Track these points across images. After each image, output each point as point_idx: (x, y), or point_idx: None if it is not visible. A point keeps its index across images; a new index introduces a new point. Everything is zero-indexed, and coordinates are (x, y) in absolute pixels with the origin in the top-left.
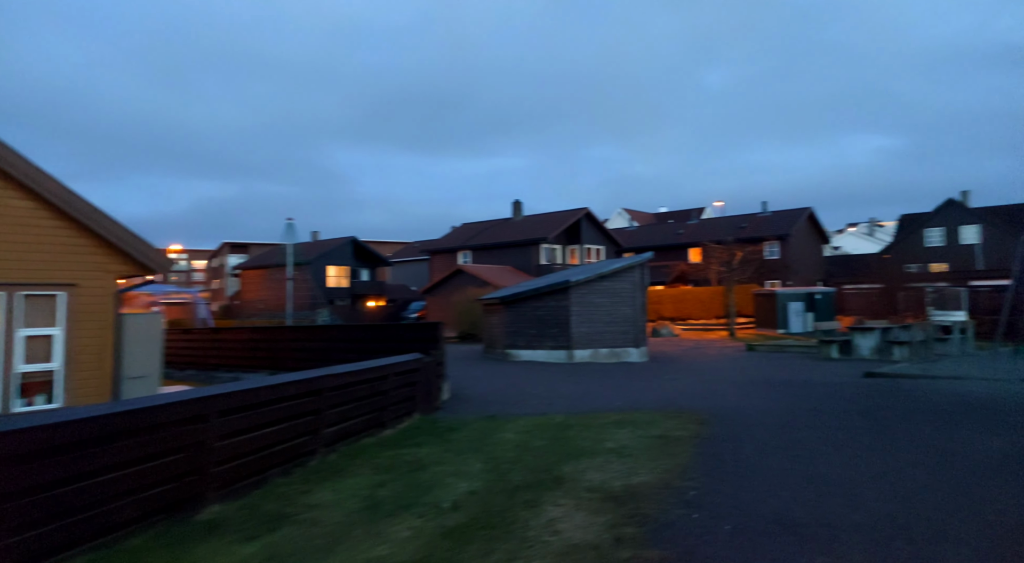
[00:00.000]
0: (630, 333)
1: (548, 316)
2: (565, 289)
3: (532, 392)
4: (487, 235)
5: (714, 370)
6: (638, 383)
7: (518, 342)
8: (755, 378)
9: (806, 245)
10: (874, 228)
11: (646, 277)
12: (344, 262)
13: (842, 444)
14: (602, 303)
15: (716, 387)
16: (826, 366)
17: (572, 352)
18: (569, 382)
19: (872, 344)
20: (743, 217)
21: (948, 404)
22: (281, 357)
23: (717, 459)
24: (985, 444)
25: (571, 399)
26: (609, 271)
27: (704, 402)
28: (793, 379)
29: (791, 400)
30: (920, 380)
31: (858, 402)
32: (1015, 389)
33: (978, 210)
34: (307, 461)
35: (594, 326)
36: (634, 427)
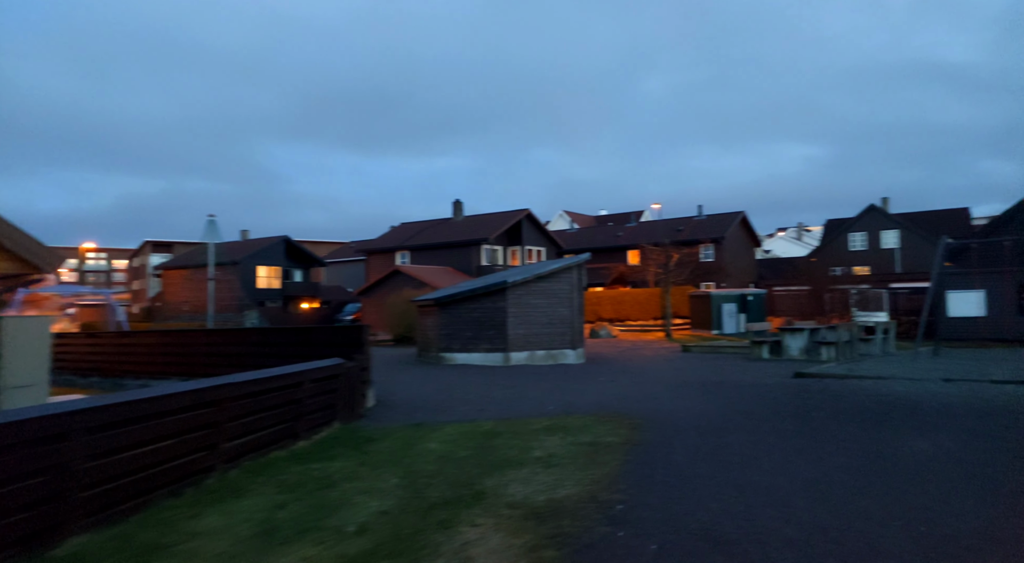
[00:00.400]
0: (567, 335)
1: (484, 318)
2: (502, 290)
3: (463, 397)
4: (426, 235)
5: (650, 372)
6: (574, 386)
7: (453, 345)
8: (689, 380)
9: (739, 248)
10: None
11: (583, 278)
12: (276, 262)
13: (773, 448)
14: (539, 304)
15: (651, 389)
16: (758, 367)
17: (509, 355)
18: (503, 386)
19: (801, 345)
20: (680, 220)
21: (873, 404)
22: (195, 363)
23: (647, 467)
24: (911, 446)
25: (504, 404)
26: (547, 272)
27: (638, 405)
28: (726, 380)
29: (724, 402)
30: (847, 380)
31: (788, 404)
32: (935, 388)
33: (897, 216)
34: (203, 479)
35: (531, 328)
36: (565, 433)
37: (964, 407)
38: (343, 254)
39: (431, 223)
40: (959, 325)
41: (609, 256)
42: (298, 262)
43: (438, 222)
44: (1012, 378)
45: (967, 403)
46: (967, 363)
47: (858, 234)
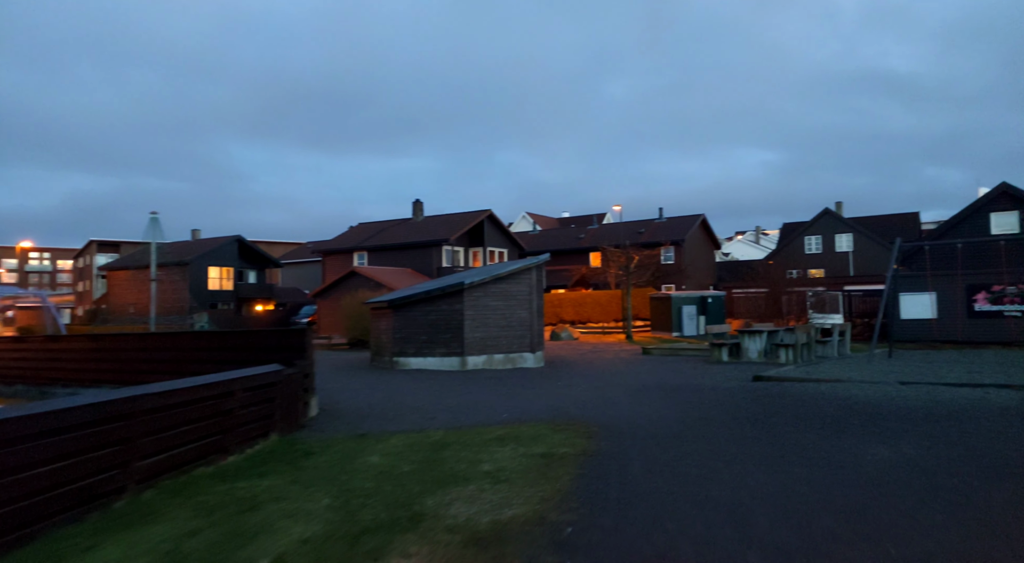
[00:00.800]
0: (526, 337)
1: (440, 320)
2: (458, 292)
3: (414, 405)
4: (385, 236)
5: (609, 375)
6: (531, 391)
7: (407, 349)
8: (648, 383)
9: (699, 250)
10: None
11: (543, 279)
12: (228, 263)
13: (733, 458)
14: (497, 306)
15: (609, 394)
16: (717, 369)
17: (465, 359)
18: (458, 392)
19: (759, 347)
20: (641, 222)
21: (832, 409)
22: (128, 370)
23: (602, 481)
24: (873, 454)
25: (456, 412)
26: (505, 273)
27: (596, 412)
28: (685, 384)
29: (683, 408)
30: (805, 383)
31: (747, 409)
32: (892, 392)
33: (850, 220)
34: (112, 502)
35: (489, 331)
36: (517, 444)
37: (922, 411)
38: (300, 255)
39: (390, 223)
40: (911, 327)
41: (571, 258)
42: (252, 263)
43: (397, 222)
44: (966, 381)
45: (925, 407)
46: (921, 365)
47: (813, 237)
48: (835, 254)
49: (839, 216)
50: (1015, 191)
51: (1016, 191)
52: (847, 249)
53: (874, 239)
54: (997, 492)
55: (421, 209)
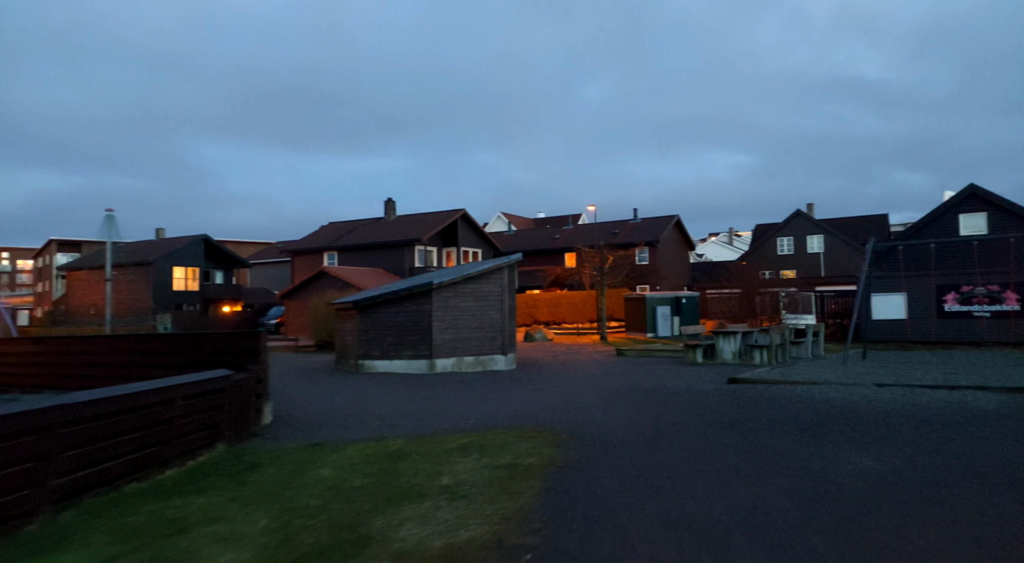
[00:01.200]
0: (497, 339)
1: (407, 322)
2: (427, 292)
3: (377, 411)
4: (356, 235)
5: (582, 378)
6: (501, 395)
7: (373, 352)
8: (622, 386)
9: (674, 251)
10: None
11: (515, 279)
12: (194, 263)
13: (708, 468)
14: (467, 307)
15: (582, 397)
16: (691, 371)
17: (434, 361)
18: (424, 397)
19: (734, 348)
20: (616, 223)
21: (810, 413)
22: (71, 374)
23: (568, 497)
24: (854, 463)
25: (420, 418)
26: (475, 273)
27: (566, 417)
28: (660, 387)
29: (656, 412)
30: (781, 386)
31: (723, 413)
32: (869, 395)
33: (821, 222)
34: (23, 525)
35: (458, 332)
36: (481, 453)
37: (901, 416)
38: (269, 255)
39: (362, 223)
40: (883, 327)
41: (546, 258)
42: (219, 263)
43: (369, 222)
44: (942, 383)
45: (903, 411)
46: (895, 367)
47: (785, 239)
48: (807, 255)
49: (811, 218)
50: (983, 193)
51: (984, 193)
52: (818, 250)
53: (844, 240)
54: (988, 507)
55: (393, 208)
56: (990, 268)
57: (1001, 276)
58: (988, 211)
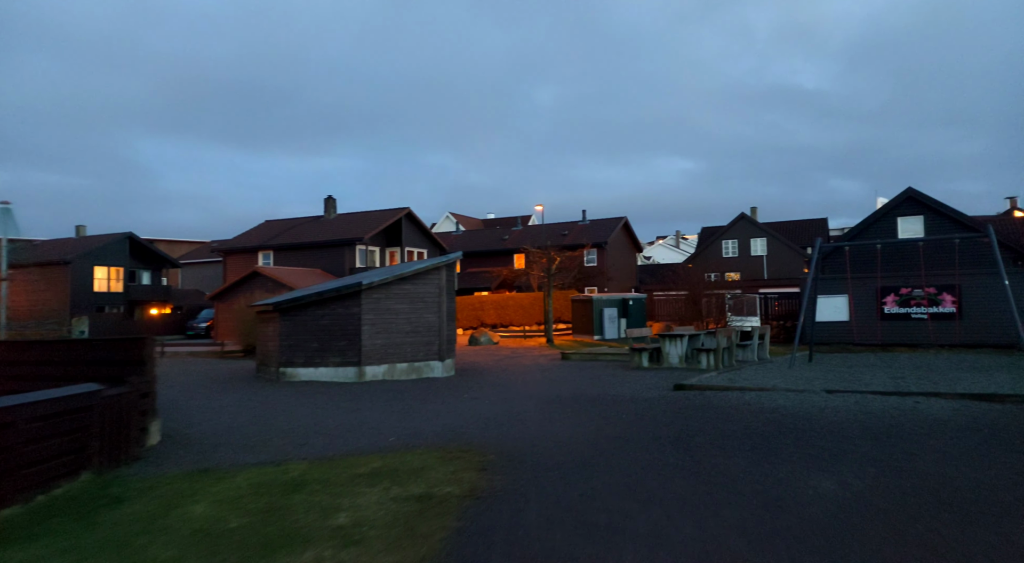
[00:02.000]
0: (434, 344)
1: (334, 326)
2: (355, 293)
3: (288, 427)
4: (293, 234)
5: (523, 384)
6: (432, 406)
7: (296, 358)
8: (564, 394)
9: (622, 253)
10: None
11: (453, 279)
12: (118, 262)
13: (651, 496)
14: (401, 309)
15: (520, 408)
16: (637, 377)
17: (363, 369)
18: (346, 409)
19: (680, 352)
20: (565, 225)
21: (761, 424)
22: None
23: (483, 541)
24: (814, 487)
25: (335, 435)
26: (410, 272)
27: (499, 431)
28: (603, 394)
29: (597, 424)
30: (729, 393)
31: (669, 425)
32: (820, 402)
33: (764, 225)
34: None
35: (391, 337)
36: (392, 481)
37: (857, 426)
38: (203, 254)
39: (300, 221)
40: (826, 329)
41: (495, 260)
42: (146, 263)
43: (308, 220)
44: (892, 389)
45: (858, 421)
46: (842, 370)
47: (730, 241)
48: (751, 257)
49: (754, 221)
50: (920, 196)
51: (921, 196)
52: (762, 253)
53: (786, 243)
54: (974, 544)
55: (334, 206)
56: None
57: (938, 278)
58: (925, 214)
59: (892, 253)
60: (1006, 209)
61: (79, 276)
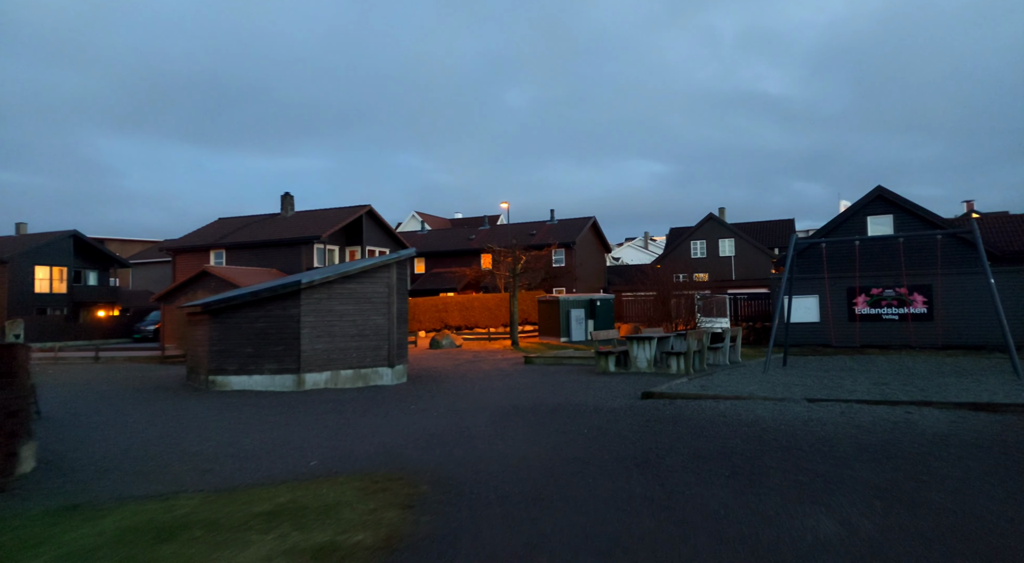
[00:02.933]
0: (382, 349)
1: (271, 329)
2: (294, 293)
3: (196, 448)
4: (247, 232)
5: (480, 393)
6: (371, 420)
7: (227, 365)
8: (522, 403)
9: (590, 253)
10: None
11: (405, 278)
12: (61, 262)
13: (614, 545)
14: (346, 311)
15: (471, 421)
16: (602, 383)
17: (302, 377)
18: (273, 424)
19: (649, 355)
20: (533, 224)
21: (740, 441)
22: None
23: None
24: (811, 527)
25: (248, 458)
26: (355, 270)
27: (442, 452)
28: (565, 404)
29: (555, 442)
30: (702, 402)
31: (636, 441)
32: (803, 413)
33: (733, 226)
34: None
35: (335, 341)
36: (295, 524)
37: (849, 443)
38: (156, 254)
39: (255, 219)
40: (796, 331)
41: (462, 260)
42: (93, 262)
43: (263, 218)
44: (879, 397)
45: (849, 436)
46: (819, 375)
47: (699, 242)
48: (719, 258)
49: (722, 221)
50: (890, 195)
51: (890, 195)
52: (730, 254)
53: (754, 244)
54: None
55: (291, 203)
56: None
57: (911, 278)
58: (894, 213)
59: (864, 252)
60: (963, 213)
61: (18, 276)
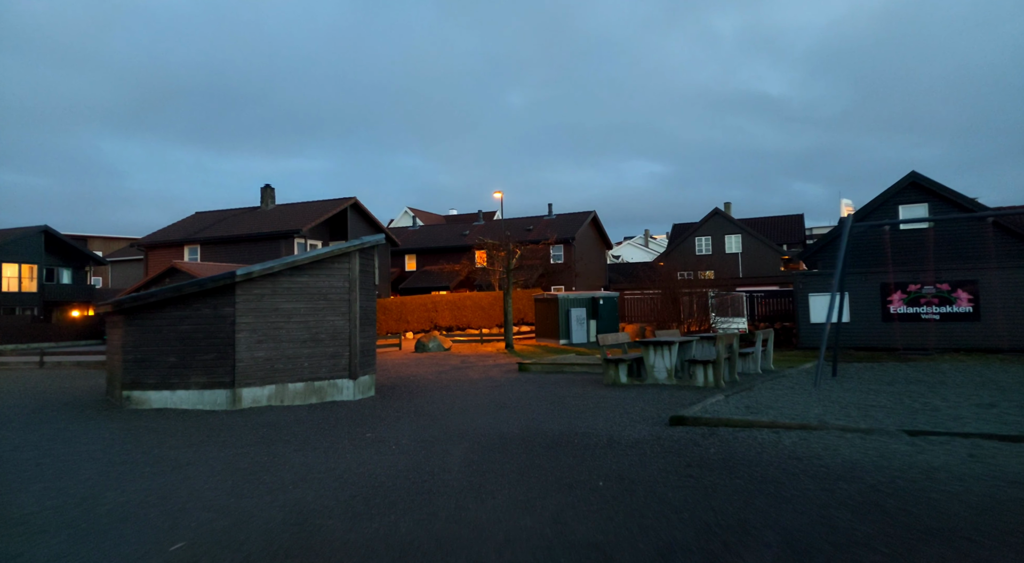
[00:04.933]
0: (342, 356)
1: (199, 332)
2: (227, 287)
3: (28, 508)
4: (224, 226)
5: (460, 412)
6: (305, 457)
7: (146, 378)
8: (512, 430)
9: (590, 250)
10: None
11: (372, 270)
12: (31, 259)
13: None
14: (295, 310)
15: (439, 462)
16: (614, 399)
17: (238, 392)
18: (166, 465)
19: (668, 364)
20: (530, 219)
21: (849, 515)
22: None
23: None
24: None
25: (89, 530)
26: (306, 260)
27: (380, 524)
28: (569, 432)
29: (557, 506)
30: (756, 433)
31: (681, 511)
32: (910, 455)
33: (740, 221)
34: None
35: (281, 348)
36: None
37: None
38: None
39: (233, 212)
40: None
41: (454, 257)
42: (67, 260)
43: (242, 211)
44: (1011, 429)
45: (1018, 503)
46: (889, 391)
47: (704, 238)
48: (725, 255)
49: (728, 217)
50: (924, 182)
51: (925, 181)
52: (736, 250)
53: (762, 240)
54: None
55: (272, 196)
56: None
57: (950, 273)
58: (930, 202)
59: (897, 245)
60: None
61: None
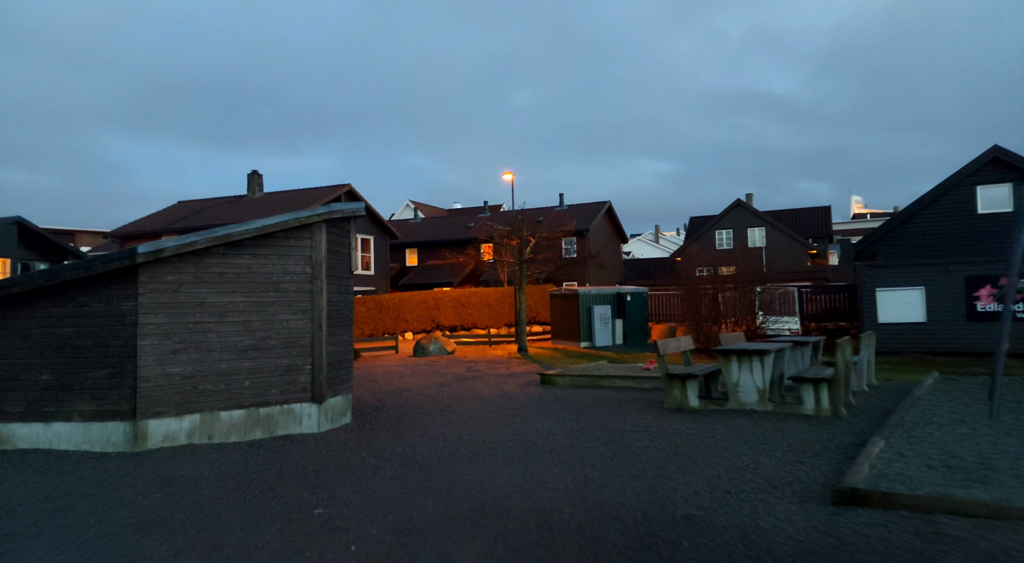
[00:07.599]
0: (302, 371)
1: (85, 338)
2: (126, 270)
3: None
4: (207, 216)
5: (468, 459)
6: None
7: (8, 405)
8: (554, 507)
9: (605, 243)
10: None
11: (347, 253)
12: (4, 253)
13: None
14: (232, 305)
15: None
16: (698, 440)
17: (141, 426)
18: None
19: (761, 382)
20: (540, 210)
21: None
22: None
23: None
24: None
25: None
26: (247, 232)
27: None
28: (653, 513)
29: None
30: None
31: None
32: None
33: (764, 213)
34: None
35: (209, 359)
36: None
37: None
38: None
39: (217, 201)
40: (892, 334)
41: (459, 250)
42: (43, 253)
43: (228, 200)
44: None
45: None
46: None
47: (724, 231)
48: (748, 250)
49: (751, 208)
50: (1009, 157)
51: (1010, 156)
52: (760, 244)
53: (788, 234)
54: None
55: (259, 184)
56: None
57: None
58: (1015, 181)
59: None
60: None
61: None
